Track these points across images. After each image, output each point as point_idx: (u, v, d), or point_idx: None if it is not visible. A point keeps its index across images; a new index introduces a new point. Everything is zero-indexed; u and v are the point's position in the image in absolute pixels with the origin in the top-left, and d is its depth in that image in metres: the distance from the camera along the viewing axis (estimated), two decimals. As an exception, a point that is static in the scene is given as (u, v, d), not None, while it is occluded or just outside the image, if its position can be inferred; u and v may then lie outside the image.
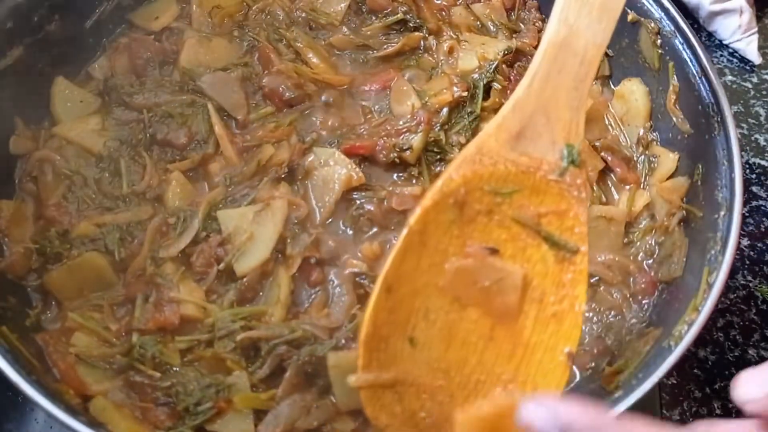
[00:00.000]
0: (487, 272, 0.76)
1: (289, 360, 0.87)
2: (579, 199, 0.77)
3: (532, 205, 0.77)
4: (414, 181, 1.03)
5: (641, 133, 1.11)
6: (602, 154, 1.07)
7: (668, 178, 1.06)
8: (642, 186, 1.07)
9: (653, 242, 1.02)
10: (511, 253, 0.77)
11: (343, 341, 0.87)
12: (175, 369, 0.88)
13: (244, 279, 0.92)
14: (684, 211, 1.01)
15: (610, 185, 1.08)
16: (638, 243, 1.02)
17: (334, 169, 1.00)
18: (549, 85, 0.78)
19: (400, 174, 1.05)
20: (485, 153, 0.77)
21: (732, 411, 1.07)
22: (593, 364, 0.93)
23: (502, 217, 0.77)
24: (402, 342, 0.75)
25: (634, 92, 1.13)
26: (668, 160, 1.06)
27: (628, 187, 1.06)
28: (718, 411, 1.07)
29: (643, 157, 1.10)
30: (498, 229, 0.77)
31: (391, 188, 1.01)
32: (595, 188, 1.05)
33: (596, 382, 0.90)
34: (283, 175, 1.01)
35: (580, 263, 0.76)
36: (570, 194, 0.77)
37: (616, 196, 1.07)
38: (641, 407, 0.79)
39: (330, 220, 1.00)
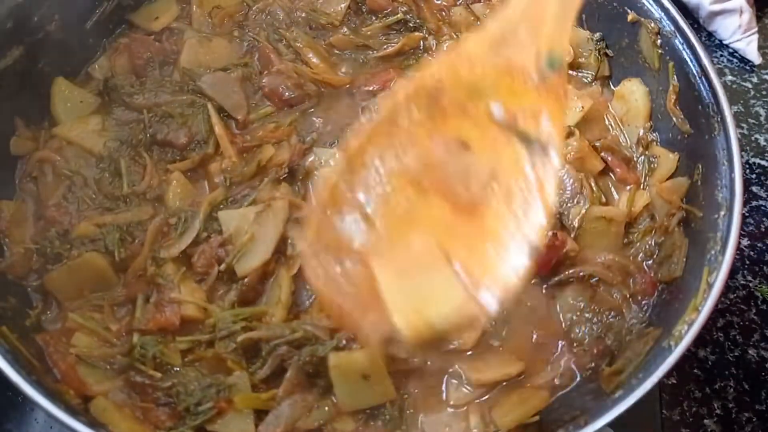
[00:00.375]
0: (453, 160, 0.75)
1: (290, 360, 0.86)
2: (558, 101, 0.76)
3: (509, 105, 0.76)
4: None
5: (641, 134, 1.11)
6: (602, 154, 1.07)
7: (668, 179, 1.06)
8: (642, 186, 1.07)
9: (653, 243, 1.02)
10: (481, 147, 0.75)
11: (344, 342, 0.87)
12: (175, 369, 0.88)
13: (245, 279, 0.92)
14: (684, 212, 1.01)
15: (610, 186, 1.08)
16: (638, 243, 1.02)
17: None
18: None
19: (400, 174, 1.04)
20: (464, 55, 0.76)
21: (732, 411, 1.07)
22: (593, 365, 0.93)
23: (477, 115, 0.76)
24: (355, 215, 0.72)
25: (634, 92, 1.13)
26: (668, 160, 1.06)
27: (628, 187, 1.06)
28: (718, 411, 1.07)
29: (642, 157, 1.10)
30: (472, 126, 0.76)
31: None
32: (594, 188, 1.04)
33: (596, 383, 0.90)
34: (283, 176, 1.01)
35: (552, 161, 0.74)
36: (549, 97, 0.76)
37: (616, 197, 1.07)
38: (641, 407, 0.79)
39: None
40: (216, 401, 0.84)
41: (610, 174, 1.08)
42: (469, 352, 0.92)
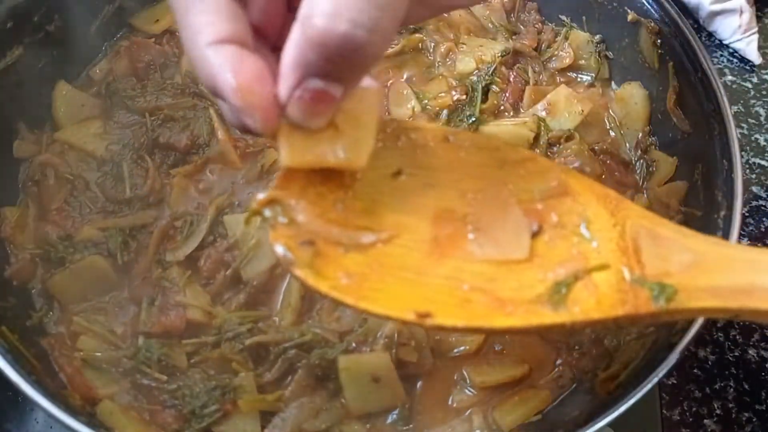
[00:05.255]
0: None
1: (298, 363, 0.87)
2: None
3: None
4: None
5: (640, 137, 1.11)
6: (601, 157, 1.08)
7: (666, 182, 1.06)
8: (640, 190, 1.08)
9: (652, 245, 1.02)
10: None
11: (354, 344, 0.87)
12: (181, 371, 0.88)
13: (254, 282, 0.92)
14: (682, 215, 1.01)
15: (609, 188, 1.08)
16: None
17: (340, 171, 1.00)
18: None
19: (402, 176, 1.05)
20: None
21: (732, 411, 1.07)
22: (593, 366, 0.94)
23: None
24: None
25: (633, 96, 1.13)
26: (666, 164, 1.07)
27: (626, 190, 1.07)
28: (718, 411, 1.07)
29: (641, 161, 1.10)
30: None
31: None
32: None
33: (594, 384, 0.91)
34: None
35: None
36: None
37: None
38: (641, 407, 0.79)
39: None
40: (221, 403, 0.85)
41: (609, 177, 1.08)
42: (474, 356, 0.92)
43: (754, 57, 1.43)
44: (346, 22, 0.47)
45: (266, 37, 0.58)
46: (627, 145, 1.12)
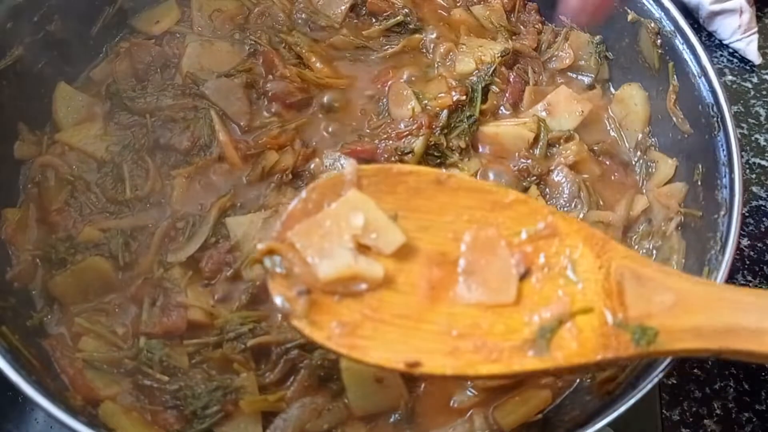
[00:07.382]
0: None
1: (301, 364, 0.87)
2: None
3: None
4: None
5: (640, 138, 1.11)
6: (600, 158, 1.08)
7: (666, 183, 1.06)
8: (640, 191, 1.08)
9: (651, 247, 1.02)
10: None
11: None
12: (183, 372, 0.88)
13: (257, 282, 0.91)
14: (682, 216, 1.01)
15: (608, 190, 1.08)
16: (635, 247, 1.02)
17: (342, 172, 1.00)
18: None
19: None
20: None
21: (732, 411, 1.08)
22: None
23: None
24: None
25: (633, 97, 1.13)
26: (666, 165, 1.07)
27: (626, 191, 1.07)
28: (718, 411, 1.08)
29: (641, 161, 1.10)
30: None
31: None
32: (592, 192, 1.04)
33: (594, 384, 0.91)
34: (287, 180, 1.01)
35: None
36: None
37: (613, 201, 1.07)
38: (641, 407, 0.79)
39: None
40: (223, 404, 0.85)
41: (608, 178, 1.08)
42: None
43: (754, 57, 1.43)
44: None
45: None
46: (627, 145, 1.12)
